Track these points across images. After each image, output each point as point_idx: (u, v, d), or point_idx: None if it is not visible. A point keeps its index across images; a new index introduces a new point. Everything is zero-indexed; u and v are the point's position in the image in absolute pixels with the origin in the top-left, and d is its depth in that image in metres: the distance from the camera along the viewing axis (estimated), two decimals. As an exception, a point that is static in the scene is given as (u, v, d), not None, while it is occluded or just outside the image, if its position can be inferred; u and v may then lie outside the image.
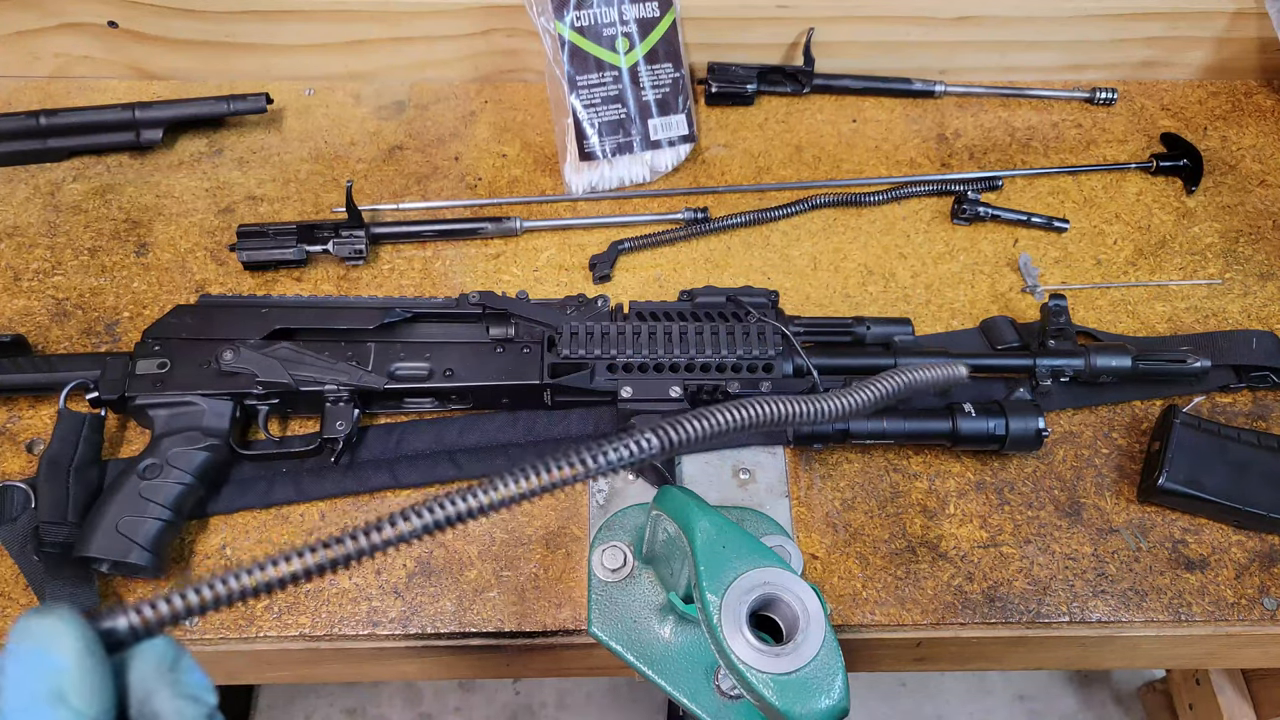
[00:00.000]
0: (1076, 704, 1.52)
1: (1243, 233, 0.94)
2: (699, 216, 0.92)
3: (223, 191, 0.94)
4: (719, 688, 0.62)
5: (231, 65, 1.01)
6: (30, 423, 0.79)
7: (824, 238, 0.93)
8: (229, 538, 0.74)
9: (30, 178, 0.94)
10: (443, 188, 0.95)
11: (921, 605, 0.72)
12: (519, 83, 1.04)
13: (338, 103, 1.01)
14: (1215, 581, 0.74)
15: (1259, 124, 1.04)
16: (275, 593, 0.34)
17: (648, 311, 0.79)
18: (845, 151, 1.00)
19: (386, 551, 0.35)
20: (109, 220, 0.91)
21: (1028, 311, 0.88)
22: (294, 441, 0.77)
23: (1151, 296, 0.89)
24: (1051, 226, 0.93)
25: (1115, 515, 0.77)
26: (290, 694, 1.48)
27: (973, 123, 1.03)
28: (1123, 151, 1.01)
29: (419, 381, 0.76)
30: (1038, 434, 0.73)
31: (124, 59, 1.00)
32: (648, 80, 0.94)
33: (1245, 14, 1.00)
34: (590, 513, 0.75)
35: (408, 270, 0.89)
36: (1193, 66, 1.06)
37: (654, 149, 0.95)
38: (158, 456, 0.72)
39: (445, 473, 0.76)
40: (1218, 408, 0.82)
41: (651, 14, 0.94)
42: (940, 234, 0.94)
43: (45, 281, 0.87)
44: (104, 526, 0.68)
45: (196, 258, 0.89)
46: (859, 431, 0.74)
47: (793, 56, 1.03)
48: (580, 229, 0.92)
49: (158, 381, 0.75)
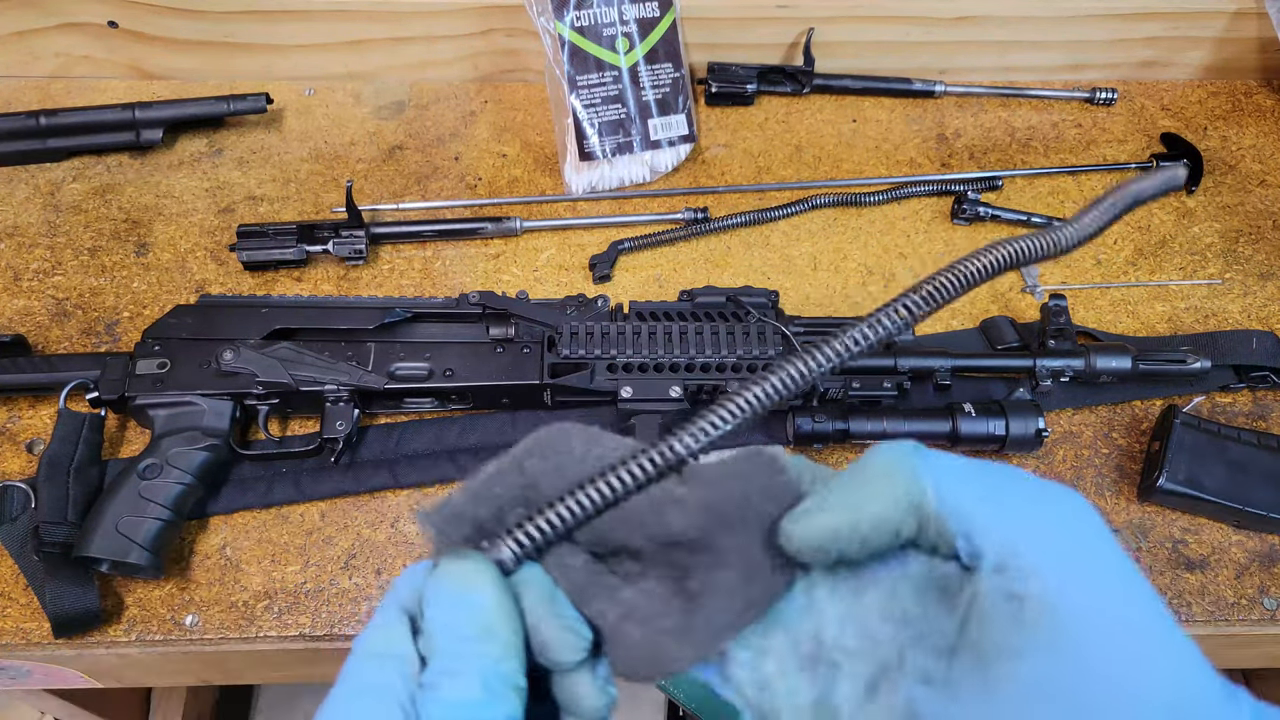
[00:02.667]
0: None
1: (1243, 233, 0.94)
2: (699, 216, 0.92)
3: (223, 191, 0.94)
4: (719, 688, 0.62)
5: (231, 65, 1.01)
6: (30, 423, 0.79)
7: (824, 238, 0.93)
8: (229, 538, 0.74)
9: (30, 178, 0.94)
10: (443, 188, 0.95)
11: (921, 605, 0.72)
12: (519, 83, 1.04)
13: (338, 103, 1.01)
14: (1215, 581, 0.74)
15: (1259, 124, 1.04)
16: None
17: (648, 311, 0.78)
18: (845, 151, 1.00)
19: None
20: (109, 220, 0.91)
21: (1028, 311, 0.88)
22: (294, 441, 0.77)
23: (1151, 296, 0.89)
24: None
25: (1115, 515, 0.77)
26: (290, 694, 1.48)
27: (973, 123, 1.03)
28: (1123, 151, 1.01)
29: (419, 381, 0.76)
30: (1038, 434, 0.73)
31: (124, 59, 1.00)
32: (648, 80, 0.94)
33: (1245, 14, 1.00)
34: (590, 513, 0.75)
35: (408, 270, 0.89)
36: (1193, 66, 1.06)
37: (654, 149, 0.95)
38: (158, 456, 0.72)
39: (445, 473, 0.76)
40: (1218, 408, 0.82)
41: (651, 14, 0.94)
42: (940, 234, 0.94)
43: (45, 281, 0.87)
44: (104, 526, 0.68)
45: (196, 258, 0.89)
46: (859, 432, 0.74)
47: (793, 56, 1.03)
48: (580, 229, 0.92)
49: (158, 381, 0.75)
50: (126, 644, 0.70)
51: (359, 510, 0.76)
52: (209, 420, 0.74)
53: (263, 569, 0.73)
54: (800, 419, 0.74)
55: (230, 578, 0.72)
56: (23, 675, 0.75)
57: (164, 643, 0.70)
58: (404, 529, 0.75)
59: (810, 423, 0.74)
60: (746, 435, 0.79)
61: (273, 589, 0.72)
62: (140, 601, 0.71)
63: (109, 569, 0.70)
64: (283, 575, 0.72)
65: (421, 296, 0.84)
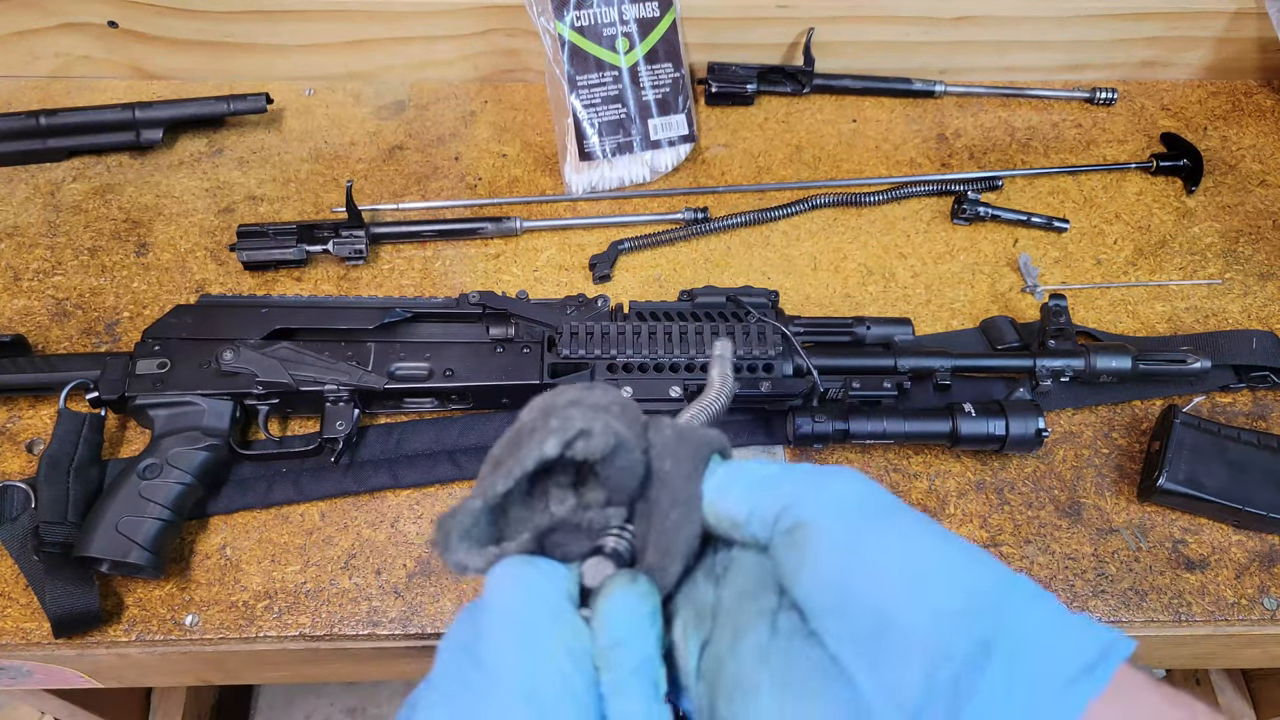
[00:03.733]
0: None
1: (1243, 233, 0.94)
2: (699, 216, 0.92)
3: (223, 191, 0.94)
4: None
5: (231, 65, 1.01)
6: (30, 423, 0.79)
7: (824, 238, 0.93)
8: (229, 538, 0.74)
9: (30, 178, 0.94)
10: (443, 188, 0.95)
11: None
12: (519, 83, 1.04)
13: (338, 103, 1.01)
14: (1215, 581, 0.74)
15: (1259, 124, 1.04)
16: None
17: (648, 311, 0.78)
18: (845, 151, 1.00)
19: None
20: (109, 220, 0.91)
21: (1028, 311, 0.88)
22: (294, 441, 0.77)
23: (1151, 296, 0.89)
24: (1051, 226, 0.93)
25: (1115, 515, 0.77)
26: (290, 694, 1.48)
27: (973, 123, 1.03)
28: (1123, 151, 1.01)
29: (419, 381, 0.76)
30: (1038, 434, 0.73)
31: (124, 59, 1.00)
32: (648, 80, 0.94)
33: (1245, 14, 1.00)
34: (590, 513, 0.75)
35: (408, 270, 0.89)
36: (1193, 66, 1.06)
37: (654, 149, 0.95)
38: (158, 456, 0.72)
39: (445, 473, 0.76)
40: (1218, 408, 0.82)
41: (651, 14, 0.94)
42: (940, 234, 0.94)
43: (45, 281, 0.87)
44: (104, 526, 0.68)
45: (196, 258, 0.89)
46: (859, 432, 0.74)
47: (793, 56, 1.03)
48: (580, 229, 0.92)
49: (158, 381, 0.75)
50: (126, 644, 0.70)
51: (359, 510, 0.76)
52: (209, 420, 0.74)
53: (263, 569, 0.73)
54: (800, 419, 0.74)
55: (230, 578, 0.72)
56: (23, 675, 0.75)
57: (164, 643, 0.70)
58: (404, 529, 0.75)
59: (810, 423, 0.74)
60: (749, 435, 0.79)
61: (273, 589, 0.72)
62: (140, 601, 0.71)
63: (109, 569, 0.70)
64: (283, 575, 0.72)
65: (421, 296, 0.84)
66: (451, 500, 0.76)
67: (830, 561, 0.31)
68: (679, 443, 0.36)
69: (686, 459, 0.35)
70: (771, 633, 0.32)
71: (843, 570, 0.31)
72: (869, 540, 0.31)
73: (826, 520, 0.32)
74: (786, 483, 0.34)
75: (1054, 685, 0.27)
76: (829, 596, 0.31)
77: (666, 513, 0.35)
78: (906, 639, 0.29)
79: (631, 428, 0.35)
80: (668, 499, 0.35)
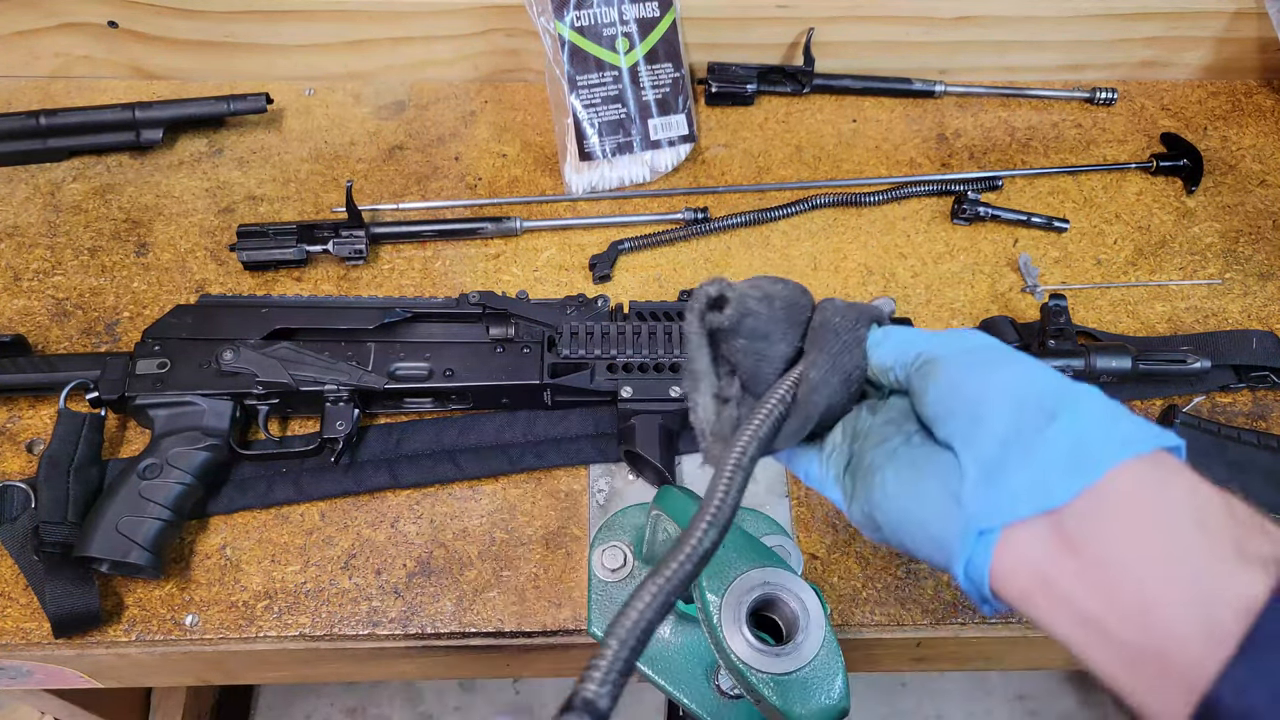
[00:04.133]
0: (1076, 703, 1.52)
1: (1243, 233, 0.94)
2: (699, 216, 0.92)
3: (223, 191, 0.94)
4: (719, 687, 0.62)
5: (231, 65, 1.01)
6: (30, 423, 0.79)
7: (824, 238, 0.93)
8: (229, 538, 0.74)
9: (30, 178, 0.94)
10: (443, 188, 0.95)
11: (921, 605, 0.72)
12: (519, 83, 1.04)
13: (338, 103, 1.01)
14: (1215, 581, 0.74)
15: (1259, 124, 1.04)
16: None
17: (648, 311, 0.78)
18: (845, 151, 1.00)
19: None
20: (109, 220, 0.91)
21: (1028, 311, 0.88)
22: (294, 441, 0.77)
23: (1151, 296, 0.89)
24: (1051, 226, 0.93)
25: (1115, 515, 0.76)
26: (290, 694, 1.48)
27: (973, 123, 1.03)
28: (1123, 151, 1.01)
29: (419, 381, 0.76)
30: (1038, 434, 0.73)
31: (124, 59, 1.00)
32: (648, 80, 0.94)
33: (1245, 14, 1.00)
34: (590, 513, 0.75)
35: (408, 270, 0.89)
36: (1193, 66, 1.06)
37: (654, 149, 0.95)
38: (158, 456, 0.72)
39: (445, 473, 0.76)
40: (1218, 408, 0.82)
41: (651, 14, 0.94)
42: (940, 234, 0.94)
43: (45, 281, 0.87)
44: (104, 526, 0.68)
45: (196, 258, 0.89)
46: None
47: (793, 56, 1.03)
48: (580, 229, 0.92)
49: (158, 381, 0.75)
50: (126, 644, 0.70)
51: (359, 510, 0.76)
52: (209, 420, 0.74)
53: (263, 569, 0.73)
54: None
55: (230, 578, 0.72)
56: (23, 675, 0.75)
57: (164, 643, 0.70)
58: (404, 529, 0.75)
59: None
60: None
61: (273, 589, 0.72)
62: (140, 601, 0.71)
63: (109, 569, 0.70)
64: (283, 575, 0.72)
65: (421, 296, 0.84)
66: (452, 500, 0.76)
67: (947, 377, 0.41)
68: (848, 308, 0.46)
69: (853, 318, 0.45)
70: (904, 442, 0.42)
71: (955, 383, 0.40)
72: (978, 363, 0.41)
73: (949, 354, 0.42)
74: (924, 338, 0.44)
75: (1101, 444, 0.36)
76: (944, 405, 0.40)
77: (835, 348, 0.44)
78: (994, 420, 0.38)
79: (774, 300, 0.46)
80: (837, 342, 0.44)
